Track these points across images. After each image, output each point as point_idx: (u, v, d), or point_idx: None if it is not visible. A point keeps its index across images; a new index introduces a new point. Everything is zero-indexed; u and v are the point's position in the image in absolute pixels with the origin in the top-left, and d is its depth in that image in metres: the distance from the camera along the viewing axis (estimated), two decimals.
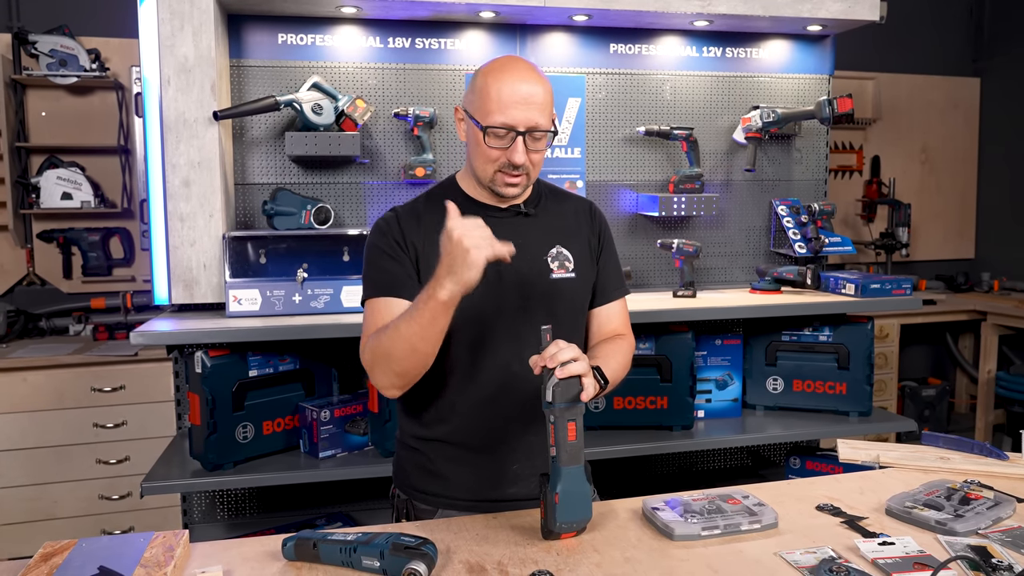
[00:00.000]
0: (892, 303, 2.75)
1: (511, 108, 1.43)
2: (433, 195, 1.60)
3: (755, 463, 3.15)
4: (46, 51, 3.51)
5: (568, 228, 1.61)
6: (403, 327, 1.36)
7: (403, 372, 1.41)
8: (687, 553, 1.30)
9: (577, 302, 1.60)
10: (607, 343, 1.60)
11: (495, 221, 1.53)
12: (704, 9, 2.60)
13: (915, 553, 1.27)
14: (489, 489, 1.54)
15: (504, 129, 1.44)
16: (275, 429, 2.38)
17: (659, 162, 2.92)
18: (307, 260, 2.42)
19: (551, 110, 1.50)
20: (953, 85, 5.23)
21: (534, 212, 1.59)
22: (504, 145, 1.45)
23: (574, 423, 1.31)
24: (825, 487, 1.60)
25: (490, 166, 1.48)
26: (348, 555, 1.23)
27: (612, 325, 1.64)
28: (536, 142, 1.47)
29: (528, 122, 1.44)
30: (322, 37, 2.62)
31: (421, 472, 1.58)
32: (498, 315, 1.51)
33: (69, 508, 3.33)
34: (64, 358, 3.31)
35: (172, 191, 2.36)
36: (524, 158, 1.45)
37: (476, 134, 1.48)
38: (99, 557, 1.21)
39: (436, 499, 1.56)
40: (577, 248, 1.60)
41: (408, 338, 1.36)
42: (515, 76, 1.46)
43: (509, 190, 1.50)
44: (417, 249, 1.51)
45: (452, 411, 1.51)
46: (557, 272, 1.56)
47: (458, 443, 1.54)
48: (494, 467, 1.54)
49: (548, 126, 1.48)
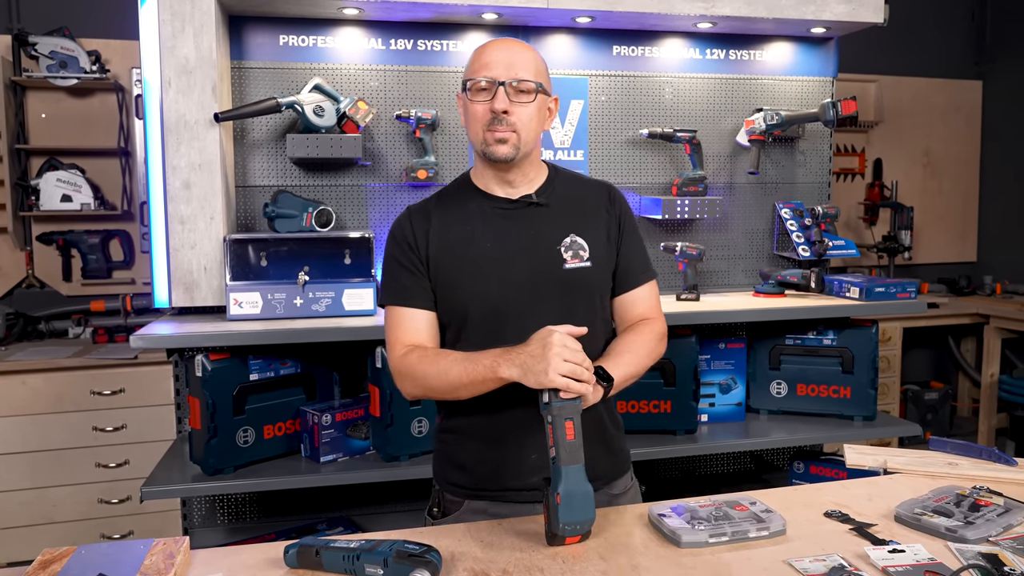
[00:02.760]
0: (897, 307, 2.73)
1: (492, 64, 1.48)
2: (446, 192, 1.63)
3: (758, 467, 3.14)
4: (46, 53, 3.50)
5: (584, 215, 1.59)
6: (453, 372, 1.42)
7: (434, 397, 1.52)
8: (694, 560, 1.29)
9: (595, 292, 1.57)
10: (628, 333, 1.57)
11: (506, 213, 1.55)
12: (707, 11, 2.59)
13: (926, 561, 1.25)
14: (511, 479, 1.52)
15: (486, 80, 1.47)
16: (276, 433, 2.36)
17: (662, 165, 2.91)
18: (308, 263, 2.41)
19: (542, 76, 1.52)
20: (955, 88, 5.22)
21: (546, 201, 1.57)
22: (487, 98, 1.48)
23: (572, 422, 1.31)
24: (833, 493, 1.59)
25: (479, 127, 1.50)
26: (351, 563, 1.22)
27: (638, 310, 1.61)
28: (521, 95, 1.48)
29: (509, 74, 1.47)
30: (324, 39, 2.60)
31: (448, 463, 1.60)
32: (513, 308, 1.50)
33: (68, 512, 3.31)
34: (63, 361, 3.30)
35: (172, 193, 2.34)
36: (505, 105, 1.46)
37: (466, 101, 1.52)
38: (98, 565, 1.20)
39: (461, 490, 1.57)
40: (594, 236, 1.57)
41: (453, 384, 1.42)
42: (499, 42, 1.54)
43: (499, 148, 1.49)
44: (427, 247, 1.54)
45: (471, 403, 1.49)
46: (571, 262, 1.54)
47: (478, 434, 1.54)
48: (514, 457, 1.52)
49: (534, 79, 1.49)
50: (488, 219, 1.55)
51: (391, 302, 1.55)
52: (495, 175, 1.55)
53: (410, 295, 1.53)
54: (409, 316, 1.53)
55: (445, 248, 1.53)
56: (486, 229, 1.54)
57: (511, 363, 1.34)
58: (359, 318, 2.38)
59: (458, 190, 1.61)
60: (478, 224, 1.54)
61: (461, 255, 1.53)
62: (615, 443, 1.63)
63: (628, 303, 1.61)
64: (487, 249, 1.53)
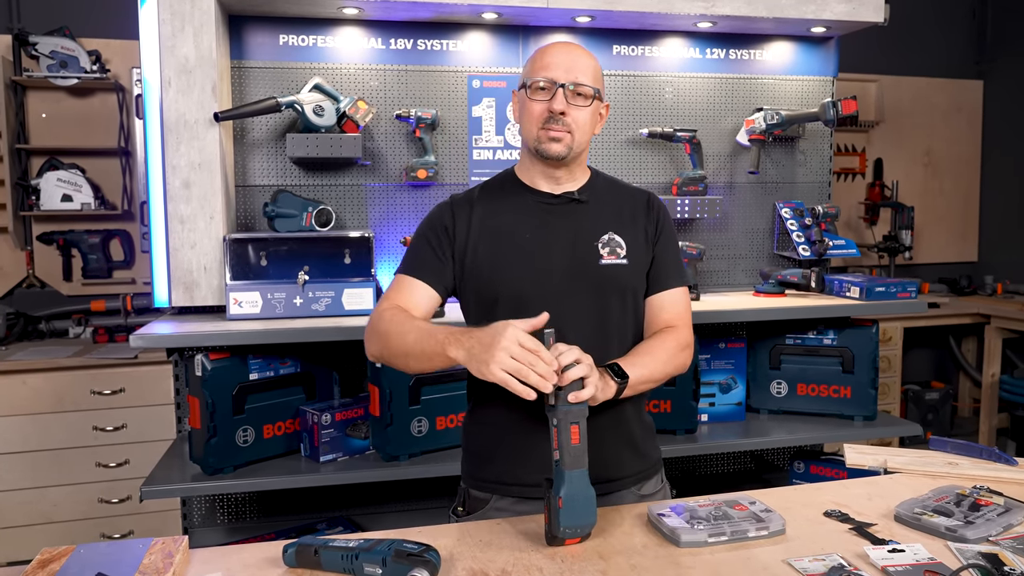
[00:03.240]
0: (897, 306, 2.73)
1: (553, 65, 1.52)
2: (490, 183, 1.66)
3: (759, 467, 3.14)
4: (46, 52, 3.50)
5: (623, 216, 1.61)
6: (410, 338, 1.43)
7: (387, 360, 1.53)
8: (694, 560, 1.29)
9: (628, 289, 1.58)
10: (653, 338, 1.57)
11: (548, 207, 1.58)
12: (707, 11, 2.59)
13: (926, 560, 1.25)
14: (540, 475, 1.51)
15: (546, 80, 1.51)
16: (276, 433, 2.36)
17: (662, 164, 2.91)
18: (308, 263, 2.41)
19: (598, 81, 1.56)
20: (956, 87, 5.21)
21: (587, 199, 1.59)
22: (546, 98, 1.51)
23: (577, 426, 1.30)
24: (832, 493, 1.59)
25: (534, 125, 1.53)
26: (350, 562, 1.22)
27: (665, 315, 1.60)
28: (579, 98, 1.51)
29: (569, 77, 1.51)
30: (323, 38, 2.60)
31: (476, 459, 1.61)
32: (545, 301, 1.48)
33: (68, 511, 3.31)
34: (64, 361, 3.30)
35: (172, 193, 2.34)
36: (563, 106, 1.50)
37: (524, 99, 1.55)
38: (97, 564, 1.20)
39: (490, 485, 1.57)
40: (631, 236, 1.59)
41: (406, 349, 1.45)
42: (562, 44, 1.58)
43: (553, 146, 1.52)
44: (464, 233, 1.57)
45: (499, 397, 1.46)
46: (607, 259, 1.55)
47: (505, 429, 1.54)
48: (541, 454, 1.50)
49: (592, 84, 1.52)
50: (530, 211, 1.58)
51: (403, 271, 1.59)
52: (543, 171, 1.58)
53: (424, 270, 1.56)
54: (409, 284, 1.56)
55: (485, 234, 1.56)
56: (527, 220, 1.57)
57: (459, 344, 1.34)
58: (359, 318, 2.38)
59: (502, 183, 1.63)
60: (520, 215, 1.57)
61: (500, 242, 1.55)
62: (642, 445, 1.62)
63: (657, 305, 1.61)
64: (526, 240, 1.55)
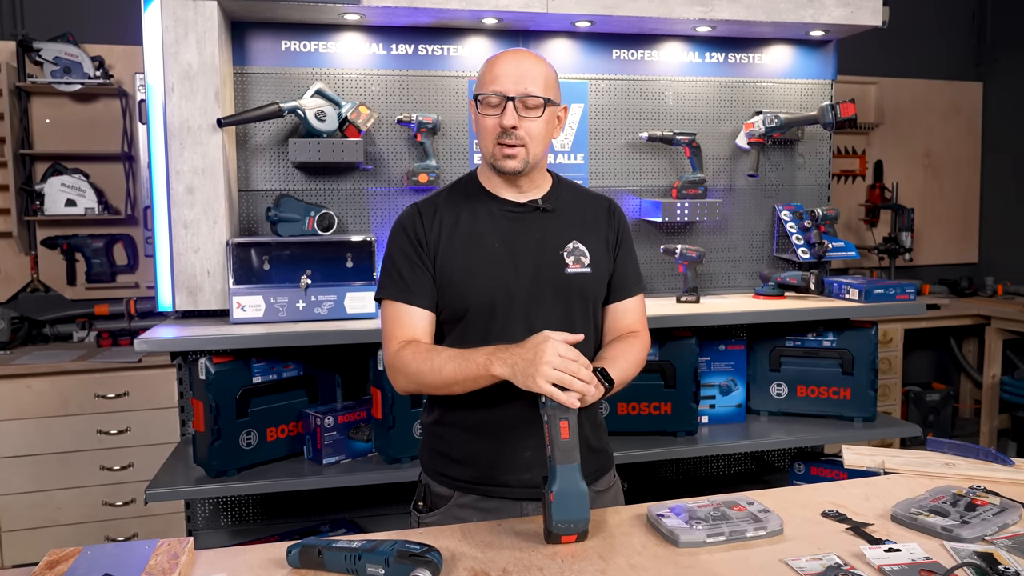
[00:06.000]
0: (896, 308, 2.74)
1: (502, 77, 1.50)
2: (454, 188, 1.65)
3: (759, 469, 3.15)
4: (50, 58, 3.52)
5: (586, 224, 1.63)
6: (447, 369, 1.44)
7: (427, 392, 1.53)
8: (692, 560, 1.30)
9: (591, 297, 1.61)
10: (619, 342, 1.61)
11: (514, 216, 1.58)
12: (706, 15, 2.60)
13: (921, 560, 1.27)
14: (503, 473, 1.54)
15: (495, 95, 1.49)
16: (279, 436, 2.38)
17: (662, 167, 2.92)
18: (311, 267, 2.43)
19: (551, 89, 1.54)
20: (956, 89, 5.22)
21: (552, 208, 1.60)
22: (496, 112, 1.50)
23: (567, 421, 1.33)
24: (830, 493, 1.60)
25: (489, 139, 1.52)
26: (353, 562, 1.23)
27: (627, 321, 1.65)
28: (530, 110, 1.50)
29: (518, 89, 1.49)
30: (325, 44, 2.62)
31: (439, 456, 1.61)
32: (512, 307, 1.53)
33: (73, 514, 3.33)
34: (68, 365, 3.31)
35: (176, 198, 2.36)
36: (514, 121, 1.49)
37: (476, 113, 1.54)
38: (104, 565, 1.21)
39: (452, 482, 1.58)
40: (594, 244, 1.61)
41: (447, 380, 1.44)
42: (510, 54, 1.55)
43: (508, 163, 1.52)
44: (434, 242, 1.56)
45: (466, 397, 1.51)
46: (572, 267, 1.57)
47: (472, 428, 1.56)
48: (507, 452, 1.54)
49: (541, 94, 1.50)
50: (496, 220, 1.58)
51: (391, 297, 1.55)
52: (503, 180, 1.58)
53: (413, 292, 1.54)
54: (407, 313, 1.54)
55: (452, 243, 1.56)
56: (494, 229, 1.57)
57: (503, 362, 1.37)
58: (361, 321, 2.40)
59: (466, 189, 1.63)
60: (486, 224, 1.57)
61: (468, 251, 1.55)
62: (593, 442, 1.64)
63: (619, 312, 1.65)
64: (494, 248, 1.55)
